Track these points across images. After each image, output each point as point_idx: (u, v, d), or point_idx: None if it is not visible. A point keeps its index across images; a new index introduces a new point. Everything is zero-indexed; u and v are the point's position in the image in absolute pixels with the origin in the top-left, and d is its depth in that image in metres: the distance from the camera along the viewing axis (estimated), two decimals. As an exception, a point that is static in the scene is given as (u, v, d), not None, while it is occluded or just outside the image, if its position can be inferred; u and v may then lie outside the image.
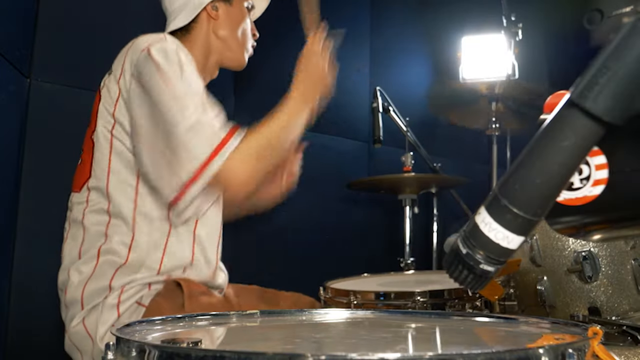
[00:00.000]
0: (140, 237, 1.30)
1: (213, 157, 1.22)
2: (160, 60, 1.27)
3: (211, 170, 1.22)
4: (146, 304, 1.28)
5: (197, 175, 1.21)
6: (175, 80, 1.25)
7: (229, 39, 1.52)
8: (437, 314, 0.93)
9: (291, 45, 2.52)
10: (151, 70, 1.27)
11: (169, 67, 1.26)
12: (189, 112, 1.23)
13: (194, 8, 1.47)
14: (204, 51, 1.50)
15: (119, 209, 1.31)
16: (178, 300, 1.28)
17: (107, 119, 1.34)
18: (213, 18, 1.49)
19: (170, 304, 1.27)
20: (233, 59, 1.55)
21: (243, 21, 1.54)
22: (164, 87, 1.25)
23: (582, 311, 1.32)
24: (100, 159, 1.33)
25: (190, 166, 1.21)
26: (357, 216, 2.69)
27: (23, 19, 1.72)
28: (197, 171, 1.21)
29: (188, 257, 1.35)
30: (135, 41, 1.34)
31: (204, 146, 1.22)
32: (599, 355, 0.56)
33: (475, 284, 0.54)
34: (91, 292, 1.29)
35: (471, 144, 3.01)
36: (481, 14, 2.84)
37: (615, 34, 0.47)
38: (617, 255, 1.34)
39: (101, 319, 1.26)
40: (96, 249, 1.30)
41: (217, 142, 1.23)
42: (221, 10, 1.50)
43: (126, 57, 1.33)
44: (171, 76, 1.26)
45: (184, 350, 0.54)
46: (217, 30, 1.50)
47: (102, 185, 1.32)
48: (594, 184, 0.56)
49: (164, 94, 1.25)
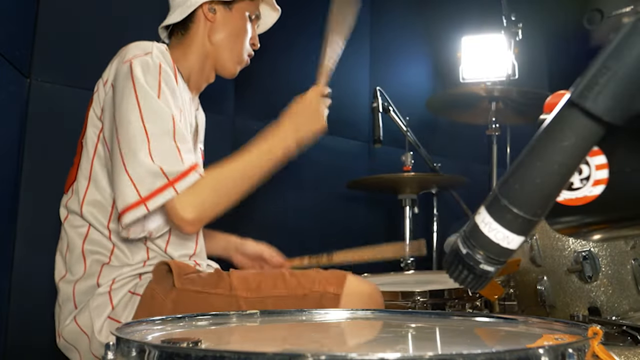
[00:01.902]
0: (118, 242, 1.31)
1: (150, 198, 1.19)
2: (139, 77, 1.25)
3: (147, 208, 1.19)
4: (140, 293, 1.28)
5: (132, 207, 1.19)
6: (147, 102, 1.23)
7: (222, 45, 1.48)
8: (437, 314, 0.93)
9: (291, 46, 2.52)
10: (128, 85, 1.25)
11: (146, 86, 1.25)
12: (147, 145, 1.20)
13: (189, 6, 1.44)
14: (199, 56, 1.47)
15: (95, 217, 1.31)
16: (169, 281, 1.28)
17: (95, 123, 1.34)
18: (210, 20, 1.47)
19: (162, 286, 1.28)
20: (223, 66, 1.51)
21: (242, 29, 1.50)
22: (134, 107, 1.23)
23: (582, 311, 1.32)
24: (85, 162, 1.34)
25: (128, 197, 1.19)
26: (357, 216, 2.69)
27: (23, 19, 1.72)
28: (132, 204, 1.19)
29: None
30: (125, 49, 1.33)
31: (146, 183, 1.19)
32: (599, 355, 0.56)
33: (475, 284, 0.54)
34: (82, 291, 1.30)
35: (471, 144, 3.01)
36: (481, 14, 2.84)
37: (615, 34, 0.47)
38: (617, 255, 1.34)
39: (95, 312, 1.26)
40: (79, 249, 1.31)
41: (161, 184, 1.20)
42: (219, 14, 1.47)
43: (113, 64, 1.33)
44: (144, 96, 1.24)
45: (184, 350, 0.54)
46: (212, 34, 1.47)
47: (82, 190, 1.33)
48: (594, 184, 0.56)
49: (132, 113, 1.23)
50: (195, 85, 1.51)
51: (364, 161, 2.75)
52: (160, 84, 1.27)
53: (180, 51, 1.46)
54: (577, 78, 0.48)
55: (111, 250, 1.30)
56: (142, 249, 1.32)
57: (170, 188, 1.21)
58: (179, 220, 1.23)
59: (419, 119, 2.60)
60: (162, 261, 1.31)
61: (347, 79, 2.69)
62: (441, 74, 3.04)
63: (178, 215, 1.22)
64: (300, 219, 2.38)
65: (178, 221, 1.23)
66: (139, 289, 1.29)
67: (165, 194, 1.20)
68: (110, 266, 1.30)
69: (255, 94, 2.34)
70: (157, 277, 1.29)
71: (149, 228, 1.27)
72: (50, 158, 1.75)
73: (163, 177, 1.20)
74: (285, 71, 2.44)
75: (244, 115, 2.32)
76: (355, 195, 2.63)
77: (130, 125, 1.23)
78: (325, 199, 2.54)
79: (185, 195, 1.22)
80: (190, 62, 1.47)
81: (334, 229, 2.50)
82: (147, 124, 1.22)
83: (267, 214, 2.30)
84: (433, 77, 3.13)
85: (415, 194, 2.33)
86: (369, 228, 2.71)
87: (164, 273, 1.30)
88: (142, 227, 1.26)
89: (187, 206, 1.22)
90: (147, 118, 1.23)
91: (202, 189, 1.25)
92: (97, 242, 1.31)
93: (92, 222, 1.31)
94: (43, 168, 1.74)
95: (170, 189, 1.21)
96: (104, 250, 1.31)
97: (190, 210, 1.23)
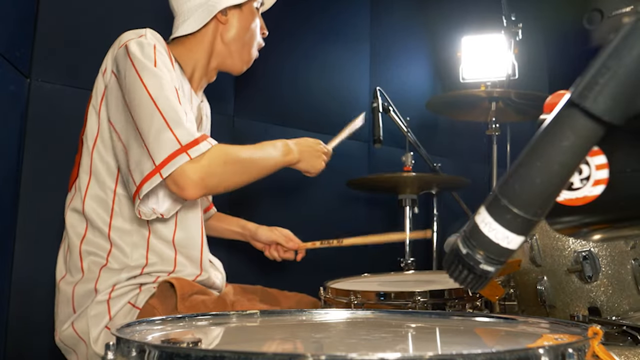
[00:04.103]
0: (118, 240, 1.31)
1: (167, 162, 1.21)
2: (137, 56, 1.27)
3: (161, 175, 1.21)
4: (140, 307, 1.28)
5: (149, 177, 1.21)
6: (148, 78, 1.25)
7: (235, 44, 1.50)
8: (437, 314, 0.93)
9: (291, 46, 2.52)
10: (127, 65, 1.27)
11: (144, 63, 1.26)
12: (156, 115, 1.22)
13: (207, 14, 1.44)
14: (206, 54, 1.49)
15: (96, 212, 1.31)
16: (171, 301, 1.28)
17: (94, 118, 1.34)
18: (222, 23, 1.48)
19: (164, 305, 1.27)
20: (233, 64, 1.53)
21: (253, 22, 1.53)
22: (139, 84, 1.25)
23: (582, 311, 1.32)
24: (85, 158, 1.35)
25: (146, 166, 1.21)
26: (357, 216, 2.69)
27: (23, 19, 1.71)
28: (150, 173, 1.21)
29: (171, 258, 1.35)
30: (119, 38, 1.34)
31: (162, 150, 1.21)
32: (599, 355, 0.56)
33: (475, 284, 0.54)
34: (81, 294, 1.29)
35: (471, 144, 3.01)
36: (481, 14, 2.84)
37: (615, 34, 0.47)
38: (617, 255, 1.34)
39: (92, 321, 1.26)
40: (77, 249, 1.31)
41: (174, 149, 1.22)
42: (230, 15, 1.49)
43: (109, 53, 1.35)
44: (145, 73, 1.25)
45: (184, 350, 0.54)
46: (225, 35, 1.49)
47: (83, 185, 1.33)
48: (594, 184, 0.56)
49: (136, 92, 1.25)
50: (198, 82, 1.51)
51: (364, 161, 2.75)
52: (155, 59, 1.29)
53: (185, 47, 1.47)
54: (577, 78, 0.48)
55: (108, 251, 1.30)
56: (142, 248, 1.31)
57: (184, 154, 1.22)
58: (184, 179, 1.22)
59: (419, 119, 2.59)
60: (167, 280, 1.30)
61: (347, 79, 2.69)
62: (441, 74, 3.04)
63: (184, 174, 1.22)
64: (301, 219, 2.38)
65: (183, 181, 1.22)
66: (139, 302, 1.28)
67: (178, 160, 1.21)
68: (109, 269, 1.29)
69: (255, 94, 2.34)
70: (159, 295, 1.29)
71: (160, 210, 1.28)
72: (50, 158, 1.75)
73: (176, 142, 1.22)
74: (285, 71, 2.44)
75: (244, 115, 2.32)
76: (355, 195, 2.62)
77: (140, 100, 1.24)
78: (325, 199, 2.54)
79: (195, 161, 1.23)
80: (196, 58, 1.47)
81: (334, 229, 2.50)
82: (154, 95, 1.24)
83: (267, 214, 2.29)
84: (433, 77, 3.13)
85: (415, 194, 2.33)
86: (369, 228, 2.70)
87: (166, 291, 1.29)
88: (153, 210, 1.27)
89: (195, 169, 1.23)
90: (153, 90, 1.24)
91: (212, 157, 1.26)
92: (94, 242, 1.31)
93: (94, 218, 1.31)
94: (43, 168, 1.74)
95: (184, 154, 1.22)
96: (101, 252, 1.30)
97: (198, 173, 1.23)
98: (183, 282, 1.31)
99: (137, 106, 1.24)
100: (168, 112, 1.23)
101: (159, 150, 1.20)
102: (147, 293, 1.30)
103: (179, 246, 1.35)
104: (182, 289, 1.28)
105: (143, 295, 1.29)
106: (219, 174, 1.28)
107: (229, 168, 1.30)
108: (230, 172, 1.31)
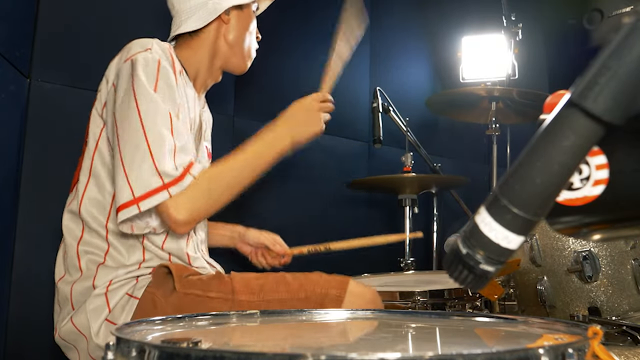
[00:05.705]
0: (115, 242, 1.31)
1: (146, 198, 1.20)
2: (139, 76, 1.26)
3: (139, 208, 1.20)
4: (138, 297, 1.28)
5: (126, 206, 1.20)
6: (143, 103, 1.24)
7: (237, 44, 1.51)
8: (437, 314, 0.93)
9: (291, 46, 2.52)
10: (128, 85, 1.27)
11: (144, 86, 1.25)
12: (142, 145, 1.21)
13: (209, 14, 1.45)
14: (210, 55, 1.49)
15: (93, 215, 1.31)
16: (169, 284, 1.28)
17: (96, 121, 1.35)
18: (225, 22, 1.49)
19: (162, 289, 1.27)
20: (236, 64, 1.54)
21: (251, 24, 1.54)
22: (133, 108, 1.24)
23: (582, 311, 1.32)
24: (86, 160, 1.35)
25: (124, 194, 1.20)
26: (357, 216, 2.69)
27: (23, 19, 1.71)
28: (127, 203, 1.20)
29: (165, 258, 1.35)
30: (126, 47, 1.34)
31: (141, 183, 1.20)
32: (599, 355, 0.56)
33: (475, 284, 0.54)
34: (79, 292, 1.30)
35: (471, 144, 3.01)
36: (481, 14, 2.84)
37: (615, 34, 0.47)
38: (617, 255, 1.34)
39: (91, 314, 1.26)
40: (75, 250, 1.31)
41: (156, 186, 1.20)
42: (232, 15, 1.49)
43: (114, 63, 1.34)
44: (142, 98, 1.24)
45: (184, 350, 0.54)
46: (227, 35, 1.49)
47: (81, 187, 1.33)
48: (594, 184, 0.56)
49: (129, 114, 1.24)
50: (202, 83, 1.52)
51: (364, 161, 2.75)
52: (157, 80, 1.28)
53: (190, 50, 1.47)
54: (577, 78, 0.48)
55: (106, 251, 1.30)
56: (139, 249, 1.32)
57: (165, 191, 1.21)
58: (171, 221, 1.24)
59: (419, 119, 2.60)
60: (162, 264, 1.31)
61: (347, 79, 2.68)
62: (441, 74, 3.04)
63: (171, 217, 1.24)
64: (301, 219, 2.38)
65: (171, 222, 1.25)
66: (136, 291, 1.28)
67: (158, 197, 1.21)
68: (106, 266, 1.30)
69: (255, 94, 2.34)
70: (156, 281, 1.29)
71: (153, 224, 1.28)
72: (50, 158, 1.75)
73: (158, 178, 1.21)
74: (285, 71, 2.44)
75: (244, 115, 2.32)
76: (355, 195, 2.63)
77: (129, 125, 1.24)
78: (325, 199, 2.54)
79: (178, 197, 1.23)
80: (200, 60, 1.48)
81: (334, 229, 2.50)
82: (146, 123, 1.23)
83: (267, 214, 2.29)
84: (433, 77, 3.13)
85: (415, 194, 2.33)
86: (369, 228, 2.70)
87: (163, 276, 1.30)
88: (147, 223, 1.27)
89: (180, 208, 1.23)
90: (145, 118, 1.23)
91: (195, 191, 1.25)
92: (91, 243, 1.31)
93: (90, 220, 1.31)
94: (43, 168, 1.74)
95: (165, 192, 1.21)
96: (98, 251, 1.31)
97: (183, 212, 1.24)
98: (178, 265, 1.32)
99: (126, 128, 1.24)
100: (154, 143, 1.22)
101: (139, 182, 1.20)
102: (144, 283, 1.30)
103: (170, 252, 1.36)
104: (178, 270, 1.29)
105: (140, 285, 1.30)
106: (205, 202, 1.27)
107: (214, 193, 1.29)
108: (218, 194, 1.30)
